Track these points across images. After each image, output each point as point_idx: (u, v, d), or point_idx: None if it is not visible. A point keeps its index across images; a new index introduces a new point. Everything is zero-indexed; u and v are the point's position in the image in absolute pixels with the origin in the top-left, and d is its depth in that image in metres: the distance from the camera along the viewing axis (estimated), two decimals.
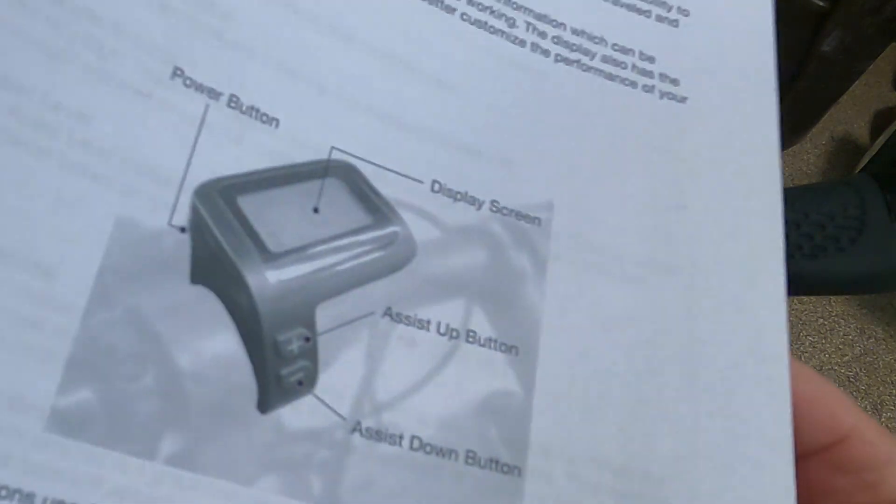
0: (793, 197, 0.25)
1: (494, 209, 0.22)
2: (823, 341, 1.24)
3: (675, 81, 0.25)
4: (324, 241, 0.20)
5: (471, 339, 0.20)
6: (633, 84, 0.24)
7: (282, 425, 0.18)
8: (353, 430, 0.19)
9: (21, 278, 0.17)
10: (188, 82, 0.19)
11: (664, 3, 0.26)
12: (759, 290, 0.22)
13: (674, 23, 0.25)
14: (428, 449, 0.19)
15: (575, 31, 0.24)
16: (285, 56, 0.21)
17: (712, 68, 0.25)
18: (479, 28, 0.23)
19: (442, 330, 0.20)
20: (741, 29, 0.26)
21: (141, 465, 0.17)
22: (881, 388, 1.22)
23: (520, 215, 0.22)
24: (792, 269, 0.25)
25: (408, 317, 0.20)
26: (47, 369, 0.17)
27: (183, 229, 0.19)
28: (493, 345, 0.21)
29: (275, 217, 0.19)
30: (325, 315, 0.19)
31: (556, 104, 0.23)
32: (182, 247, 0.18)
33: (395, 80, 0.22)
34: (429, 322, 0.20)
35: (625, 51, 0.25)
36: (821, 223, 0.24)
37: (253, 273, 0.19)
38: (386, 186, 0.21)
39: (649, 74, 0.24)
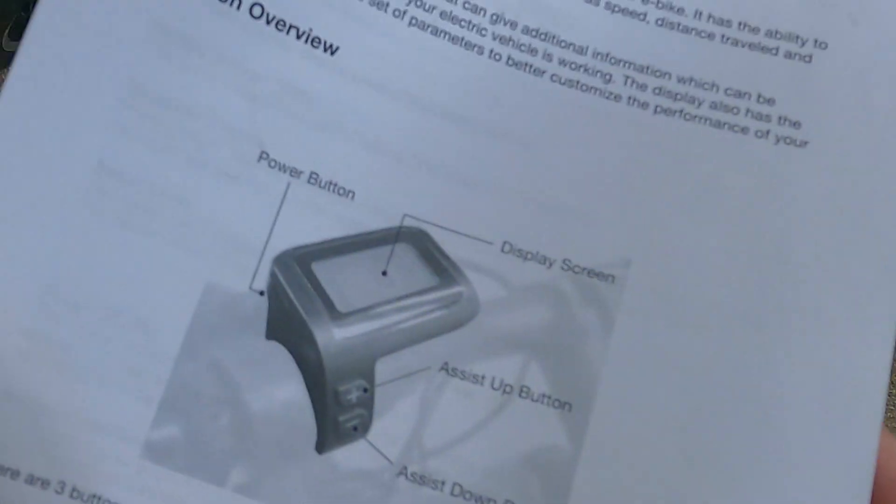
0: None
1: (566, 267, 0.22)
2: None
3: (796, 125, 0.22)
4: (388, 302, 0.22)
5: (524, 395, 0.21)
6: (745, 130, 0.22)
7: (335, 465, 0.21)
8: (399, 473, 0.21)
9: (127, 333, 0.21)
10: (272, 163, 0.21)
11: (797, 37, 0.23)
12: (858, 354, 0.21)
13: (806, 58, 0.23)
14: (468, 496, 0.21)
15: (681, 80, 0.23)
16: (363, 130, 0.22)
17: (846, 108, 0.23)
18: (571, 87, 0.23)
19: (496, 385, 0.21)
20: (888, 62, 0.23)
21: (213, 491, 0.20)
22: None
23: (592, 273, 0.22)
24: None
25: (463, 371, 0.21)
26: (145, 408, 0.20)
27: (262, 293, 0.21)
28: (546, 400, 0.21)
29: (345, 280, 0.22)
30: (384, 368, 0.21)
31: (648, 158, 0.22)
32: (260, 308, 0.21)
33: (472, 142, 0.22)
34: (483, 377, 0.21)
35: (739, 94, 0.23)
36: None
37: (321, 330, 0.21)
38: (456, 249, 0.22)
39: (766, 118, 0.22)
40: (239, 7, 0.22)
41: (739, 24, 0.23)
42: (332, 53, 0.22)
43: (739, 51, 0.23)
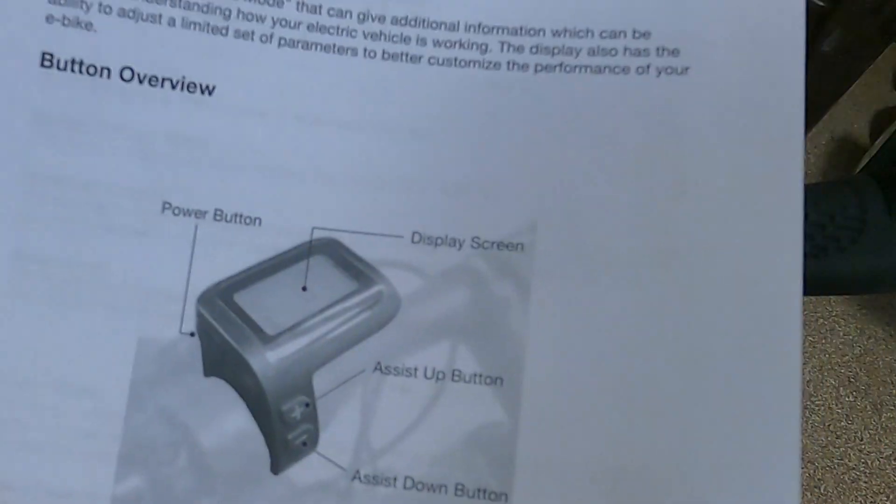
0: None
1: (476, 245, 0.22)
2: (823, 341, 1.24)
3: (675, 52, 0.22)
4: (313, 315, 0.22)
5: (456, 378, 0.22)
6: (626, 69, 0.22)
7: (293, 483, 0.22)
8: (353, 478, 0.22)
9: (74, 400, 0.22)
10: (176, 211, 0.22)
11: None
12: (770, 282, 0.21)
13: None
14: (420, 486, 0.22)
15: (556, 33, 0.23)
16: (257, 158, 0.22)
17: (719, 23, 0.22)
18: (449, 66, 0.23)
19: (429, 374, 0.22)
20: None
21: None
22: (881, 388, 1.22)
23: (502, 245, 0.22)
24: None
25: (396, 368, 0.22)
26: (105, 467, 0.21)
27: (192, 334, 0.22)
28: (478, 379, 0.22)
29: (269, 304, 0.22)
30: (321, 380, 0.22)
31: (539, 119, 0.22)
32: (194, 348, 0.22)
33: (366, 143, 0.22)
34: (416, 369, 0.22)
35: (615, 35, 0.22)
36: (821, 223, 0.24)
37: (254, 356, 0.22)
38: (368, 249, 0.22)
39: (644, 53, 0.22)
40: (109, 76, 0.22)
41: None
42: (210, 94, 0.22)
43: None
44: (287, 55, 0.23)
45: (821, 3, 1.15)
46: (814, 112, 1.29)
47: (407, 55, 0.23)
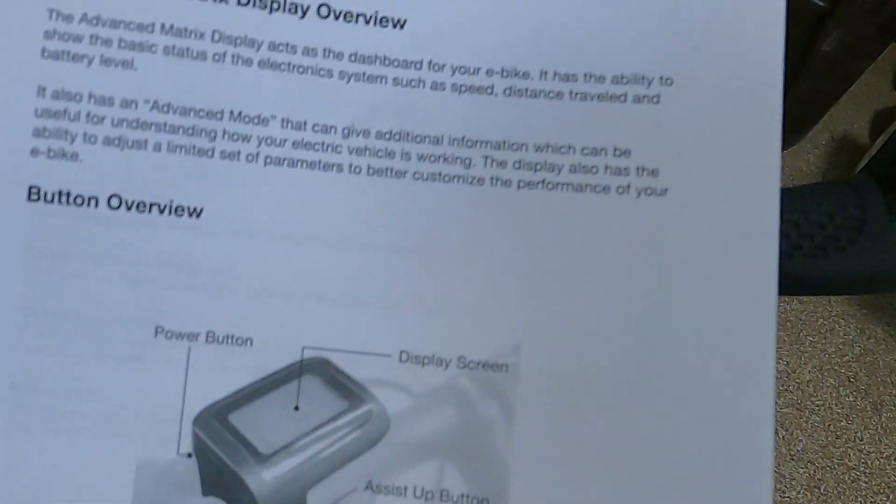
0: (793, 197, 0.25)
1: (462, 364, 0.22)
2: (823, 341, 1.24)
3: (654, 173, 0.22)
4: (306, 434, 0.23)
5: (444, 498, 0.22)
6: (606, 189, 0.22)
7: None
8: None
9: None
10: (169, 335, 0.22)
11: (643, 77, 0.23)
12: (745, 409, 0.21)
13: (654, 99, 0.23)
14: None
15: (539, 148, 0.23)
16: (247, 279, 0.23)
17: (698, 145, 0.22)
18: (434, 181, 0.23)
19: (418, 493, 0.22)
20: (741, 92, 0.23)
21: None
22: (881, 388, 1.22)
23: (487, 365, 0.22)
24: (792, 269, 0.24)
25: (387, 486, 0.22)
26: None
27: (190, 455, 0.22)
28: (465, 500, 0.22)
29: (263, 423, 0.23)
30: (315, 499, 0.23)
31: (522, 238, 0.22)
32: (192, 469, 0.22)
33: (353, 261, 0.23)
34: (406, 488, 0.22)
35: (596, 152, 0.22)
36: (821, 223, 0.24)
37: (250, 475, 0.22)
38: (357, 368, 0.23)
39: (625, 172, 0.22)
40: (97, 205, 0.22)
41: (585, 76, 0.23)
42: (198, 216, 0.22)
43: (589, 104, 0.23)
44: (273, 174, 0.23)
45: (821, 3, 1.15)
46: (814, 112, 1.29)
47: (392, 170, 0.23)
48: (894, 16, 1.10)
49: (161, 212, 0.22)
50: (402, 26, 0.23)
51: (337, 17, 0.23)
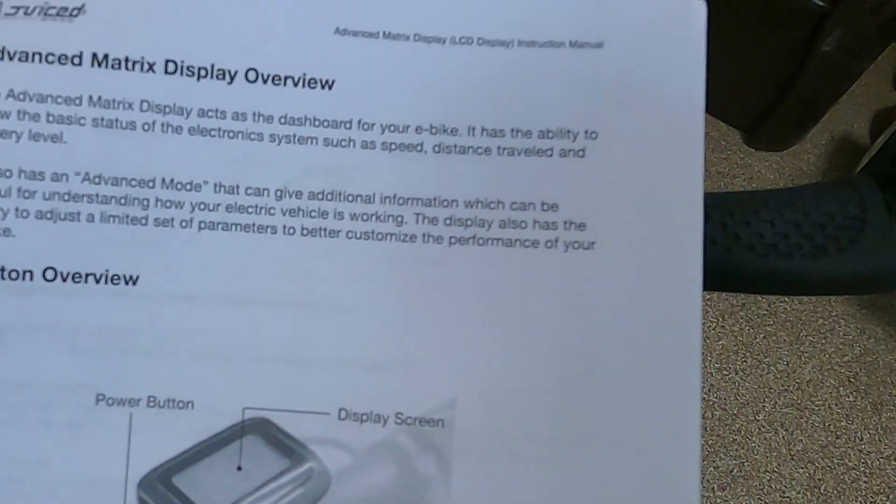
0: (793, 197, 0.25)
1: (399, 421, 0.23)
2: (823, 341, 1.24)
3: (581, 226, 0.23)
4: (249, 494, 0.23)
5: None
6: (535, 243, 0.23)
7: None
8: None
9: None
10: (110, 401, 0.23)
11: (568, 131, 0.23)
12: (672, 457, 0.22)
13: (580, 153, 0.23)
14: None
15: (469, 204, 0.23)
16: (186, 343, 0.23)
17: (625, 197, 0.23)
18: (367, 239, 0.23)
19: None
20: (664, 143, 0.23)
21: None
22: (881, 388, 1.22)
23: (423, 421, 0.22)
24: (792, 269, 0.24)
25: None
26: None
27: None
28: None
29: (206, 485, 0.23)
30: None
31: (454, 294, 0.23)
32: None
33: (290, 321, 0.23)
34: None
35: (524, 206, 0.23)
36: (821, 223, 0.23)
37: None
38: (298, 427, 0.23)
39: (552, 226, 0.23)
40: (32, 278, 0.22)
41: (512, 131, 0.23)
42: (135, 284, 0.23)
43: (517, 159, 0.23)
44: (208, 238, 0.23)
45: (821, 3, 1.15)
46: (814, 112, 1.29)
47: (325, 230, 0.23)
48: (894, 16, 1.10)
49: (97, 281, 0.22)
50: (330, 87, 0.23)
51: (265, 81, 0.23)
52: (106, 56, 0.23)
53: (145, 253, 0.23)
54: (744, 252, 0.24)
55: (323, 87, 0.23)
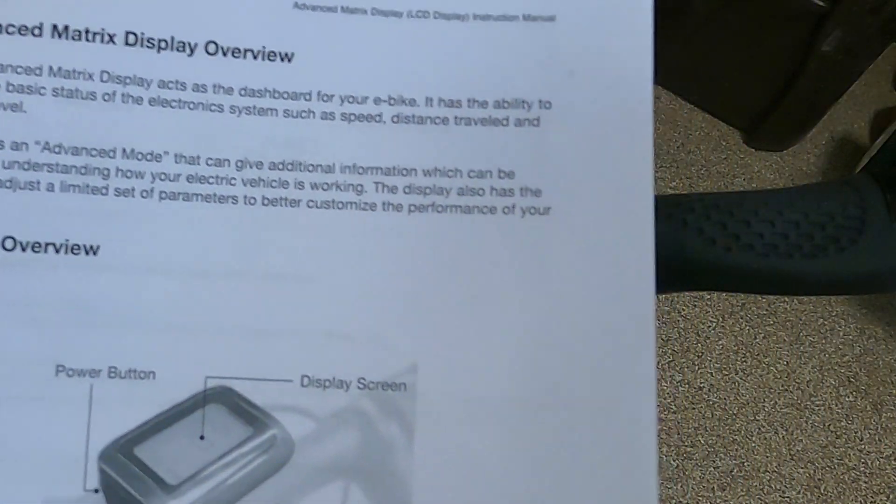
0: (793, 197, 0.25)
1: (362, 386, 0.23)
2: (823, 341, 1.24)
3: (537, 192, 0.23)
4: (212, 463, 0.23)
5: None
6: (493, 209, 0.23)
7: None
8: None
9: None
10: (70, 373, 0.22)
11: (523, 101, 0.24)
12: (630, 415, 0.22)
13: (535, 122, 0.24)
14: None
15: (427, 173, 0.23)
16: (147, 313, 0.22)
17: (577, 165, 0.23)
18: (328, 209, 0.23)
19: None
20: (614, 113, 0.24)
21: None
22: (881, 388, 1.22)
23: (386, 385, 0.23)
24: (792, 269, 0.24)
25: None
26: None
27: (96, 490, 0.22)
28: None
29: (169, 455, 0.23)
30: None
31: (415, 261, 0.23)
32: None
33: (252, 291, 0.23)
34: None
35: (481, 174, 0.23)
36: (821, 223, 0.23)
37: None
38: (261, 395, 0.23)
39: (509, 193, 0.23)
40: None
41: (469, 101, 0.24)
42: (95, 254, 0.22)
43: (474, 129, 0.24)
44: (169, 208, 0.23)
45: (821, 3, 1.15)
46: (814, 112, 1.29)
47: (286, 200, 0.23)
48: (894, 16, 1.10)
49: (57, 251, 0.22)
50: (289, 60, 0.24)
51: (225, 54, 0.23)
52: (66, 27, 0.23)
53: (106, 223, 0.23)
54: (744, 252, 0.24)
55: (282, 60, 0.24)
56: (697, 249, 0.24)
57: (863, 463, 1.13)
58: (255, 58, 0.24)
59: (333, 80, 0.24)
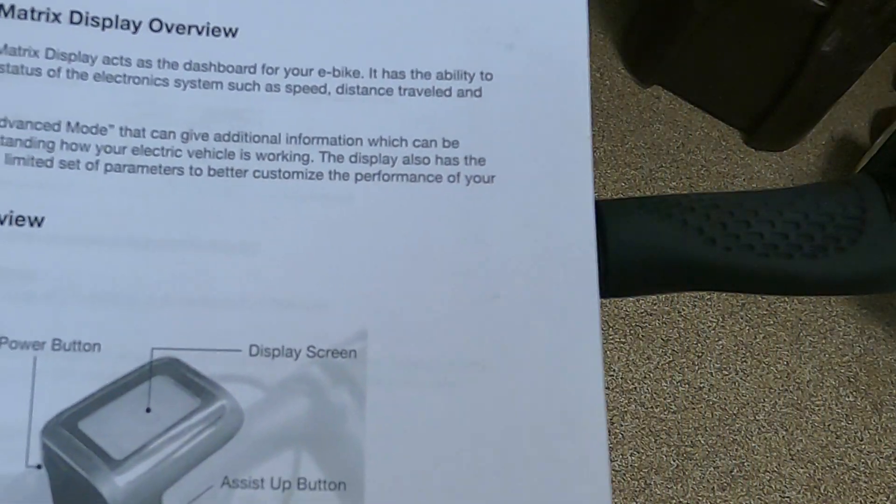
0: (793, 197, 0.25)
1: (311, 354, 0.22)
2: (823, 341, 1.24)
3: (481, 161, 0.24)
4: (159, 436, 0.22)
5: (302, 486, 0.22)
6: (438, 178, 0.23)
7: None
8: None
9: None
10: (13, 345, 0.22)
11: (465, 73, 0.24)
12: (572, 380, 0.23)
13: (477, 93, 0.24)
14: None
15: (373, 142, 0.24)
16: (91, 285, 0.22)
17: (520, 134, 0.24)
18: (273, 178, 0.23)
19: (275, 484, 0.22)
20: (551, 90, 0.24)
21: None
22: (881, 388, 1.22)
23: (336, 353, 0.22)
24: (792, 269, 0.24)
25: (243, 481, 0.22)
26: None
27: (39, 466, 0.22)
28: (323, 486, 0.22)
29: (114, 428, 0.22)
30: (171, 500, 0.22)
31: (363, 228, 0.23)
32: (42, 480, 0.22)
33: (199, 261, 0.23)
34: (262, 480, 0.22)
35: (426, 143, 0.24)
36: (821, 223, 0.23)
37: (103, 482, 0.22)
38: (208, 365, 0.22)
39: (454, 161, 0.24)
40: None
41: (412, 72, 0.24)
42: (40, 225, 0.22)
43: (418, 100, 0.24)
44: (114, 180, 0.23)
45: (821, 3, 1.15)
46: (814, 112, 1.29)
47: (232, 170, 0.23)
48: (894, 16, 1.10)
49: (1, 223, 0.22)
50: (234, 34, 0.24)
51: (169, 30, 0.24)
52: (13, 7, 0.23)
53: (51, 195, 0.22)
54: (744, 252, 0.24)
55: (227, 35, 0.24)
56: (697, 249, 0.24)
57: (863, 463, 1.13)
58: (199, 33, 0.24)
59: (278, 53, 0.24)
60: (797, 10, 1.14)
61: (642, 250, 0.24)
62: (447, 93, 0.24)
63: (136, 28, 0.24)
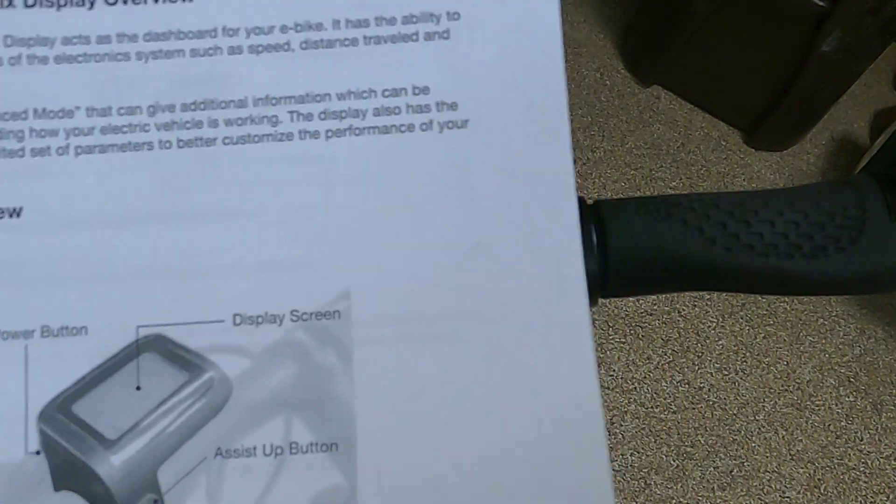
0: (793, 197, 0.25)
1: (295, 318, 0.22)
2: (823, 341, 1.24)
3: (453, 106, 0.23)
4: (150, 413, 0.22)
5: (294, 450, 0.22)
6: (410, 127, 0.23)
7: None
8: None
9: None
10: (4, 335, 0.22)
11: (431, 14, 0.24)
12: (560, 329, 0.22)
13: (444, 35, 0.23)
14: None
15: (341, 96, 0.23)
16: (75, 269, 0.22)
17: (493, 76, 0.23)
18: (244, 143, 0.23)
19: (267, 451, 0.22)
20: (521, 25, 0.24)
21: None
22: (881, 388, 1.22)
23: (320, 315, 0.22)
24: (792, 269, 0.24)
25: (236, 450, 0.22)
26: None
27: (38, 451, 0.22)
28: (315, 448, 0.22)
29: (106, 409, 0.22)
30: (166, 475, 0.22)
31: (337, 185, 0.23)
32: (41, 466, 0.22)
33: (175, 234, 0.23)
34: (255, 448, 0.22)
35: (396, 92, 0.23)
36: (821, 223, 0.23)
37: (99, 462, 0.22)
38: (194, 338, 0.22)
39: (425, 109, 0.23)
40: None
41: (376, 19, 0.24)
42: (18, 216, 0.22)
43: (385, 47, 0.23)
44: (86, 162, 0.23)
45: (821, 3, 1.15)
46: (814, 112, 1.29)
47: (201, 139, 0.23)
48: (894, 16, 1.10)
49: None
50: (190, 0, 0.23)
51: (125, 2, 0.23)
52: None
53: (26, 184, 0.22)
54: (744, 252, 0.24)
55: (183, 1, 0.24)
56: (697, 249, 0.24)
57: (863, 463, 1.13)
58: (155, 2, 0.24)
59: (237, 13, 0.24)
60: (797, 10, 1.13)
61: (642, 250, 0.24)
62: (414, 37, 0.24)
63: (92, 4, 0.23)
